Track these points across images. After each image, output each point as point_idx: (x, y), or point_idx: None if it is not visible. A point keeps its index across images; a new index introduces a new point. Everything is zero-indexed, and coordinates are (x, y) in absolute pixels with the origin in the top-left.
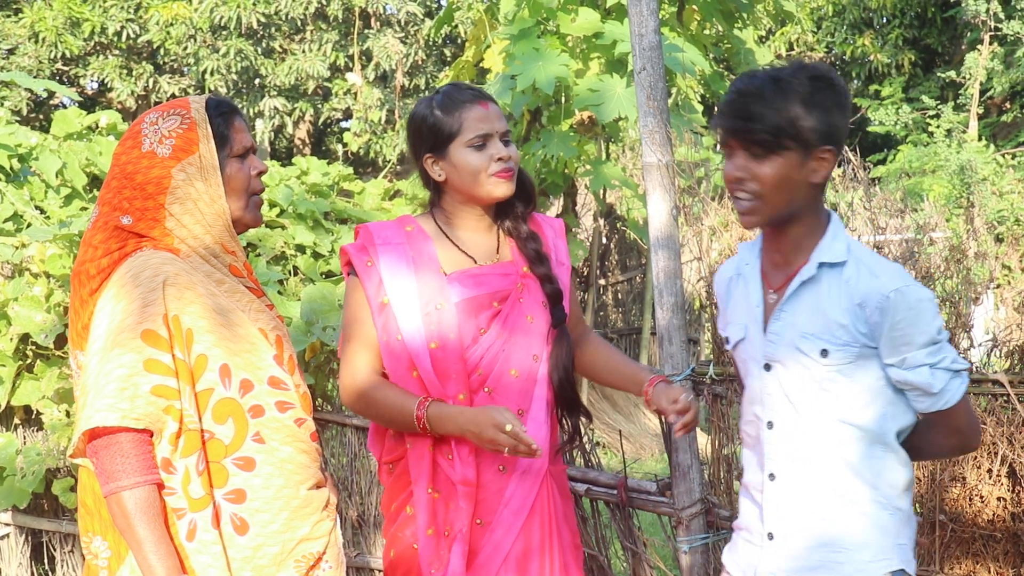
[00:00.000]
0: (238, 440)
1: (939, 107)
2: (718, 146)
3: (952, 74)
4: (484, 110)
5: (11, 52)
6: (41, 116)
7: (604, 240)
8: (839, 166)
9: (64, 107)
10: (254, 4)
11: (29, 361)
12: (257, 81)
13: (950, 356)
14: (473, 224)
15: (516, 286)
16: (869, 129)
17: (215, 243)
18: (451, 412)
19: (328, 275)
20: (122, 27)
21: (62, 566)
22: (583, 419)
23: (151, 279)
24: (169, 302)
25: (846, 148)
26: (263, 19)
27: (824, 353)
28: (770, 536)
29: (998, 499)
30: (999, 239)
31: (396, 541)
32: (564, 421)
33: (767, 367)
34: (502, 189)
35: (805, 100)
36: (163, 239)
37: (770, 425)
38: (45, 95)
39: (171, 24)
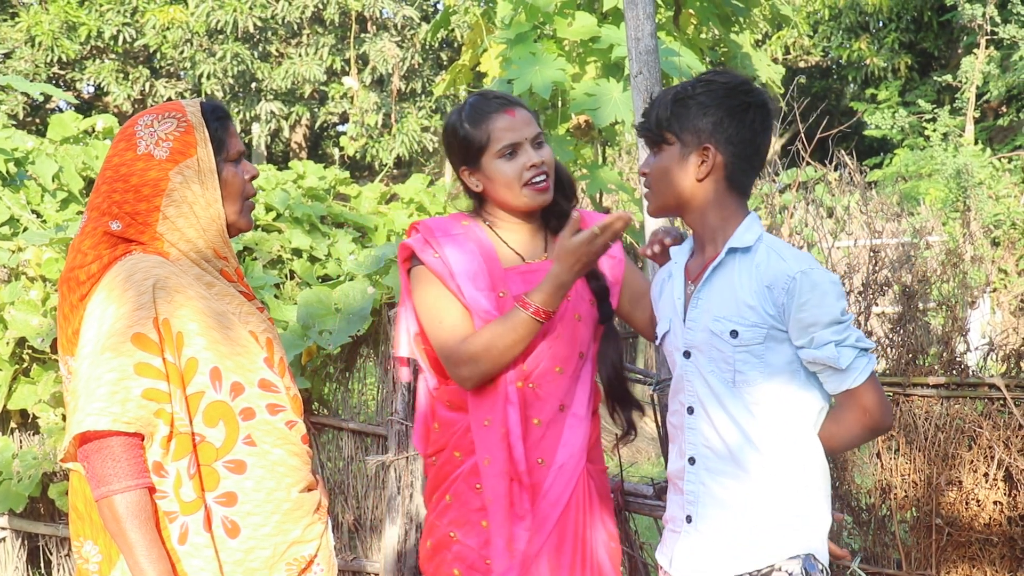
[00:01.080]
0: (229, 443)
1: (935, 111)
2: None
3: (948, 78)
4: (511, 118)
5: (7, 56)
6: (37, 120)
7: None
8: (835, 169)
9: (60, 111)
10: (250, 8)
11: (25, 365)
12: (253, 85)
13: (855, 335)
14: (518, 226)
15: None
16: (865, 133)
17: (208, 248)
18: (549, 286)
19: (324, 279)
20: (118, 31)
21: (58, 570)
22: (636, 413)
23: (141, 282)
24: (159, 305)
25: (842, 152)
26: (259, 23)
27: (734, 334)
28: (688, 519)
29: (994, 503)
30: (995, 243)
31: (433, 530)
32: (616, 416)
33: (687, 354)
34: (537, 200)
35: (683, 100)
36: (152, 243)
37: (690, 411)
38: (41, 99)
39: (167, 28)
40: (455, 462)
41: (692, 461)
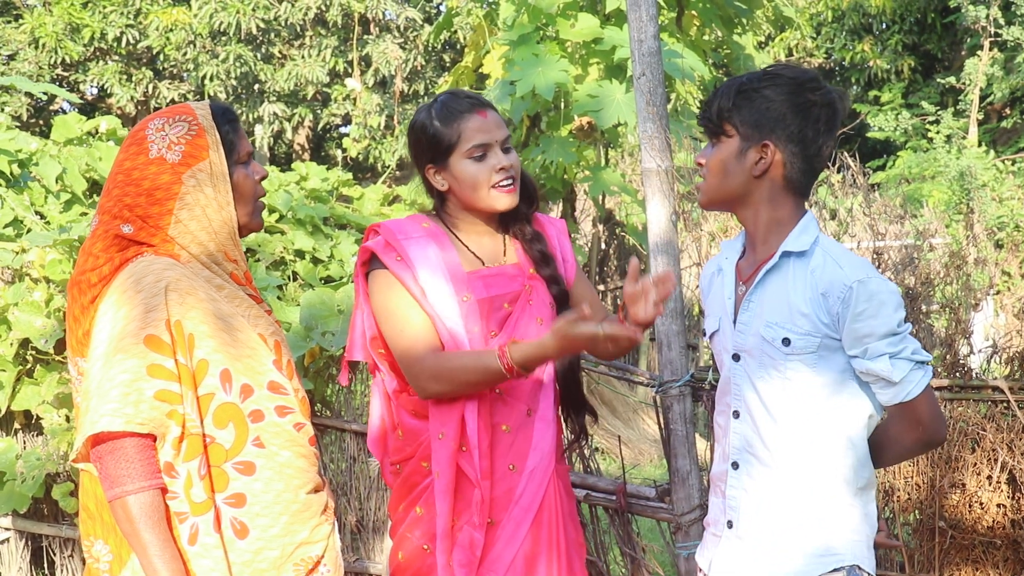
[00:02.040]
0: (238, 445)
1: (939, 113)
2: None
3: (952, 80)
4: (483, 119)
5: (11, 58)
6: (41, 122)
7: (603, 246)
8: (838, 171)
9: (64, 113)
10: (254, 10)
11: (29, 366)
12: (256, 87)
13: (911, 347)
14: (479, 229)
15: (524, 288)
16: (868, 135)
17: (218, 250)
18: (533, 351)
19: (327, 280)
20: (122, 33)
21: (62, 571)
22: (589, 418)
23: (153, 284)
24: (171, 307)
25: (845, 154)
26: (262, 24)
27: (786, 342)
28: (729, 524)
29: (998, 506)
30: (999, 245)
31: (404, 542)
32: (570, 420)
33: (736, 357)
34: (504, 202)
35: (746, 92)
36: (163, 246)
37: (736, 414)
38: (45, 99)
39: (171, 30)
40: (423, 472)
41: (735, 466)
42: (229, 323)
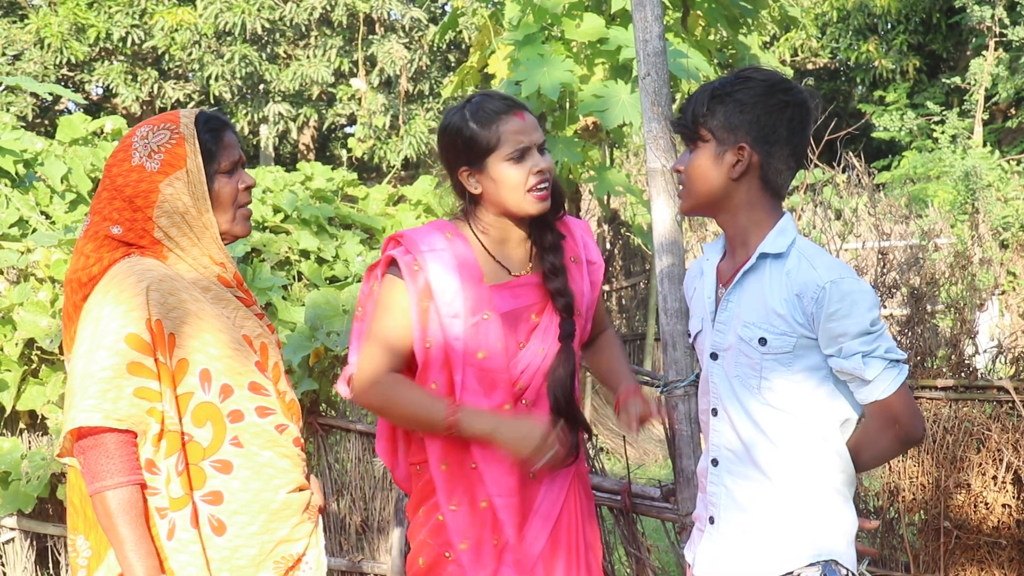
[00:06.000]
0: (216, 443)
1: (944, 113)
2: None
3: (957, 80)
4: (521, 121)
5: (17, 58)
6: (46, 122)
7: (608, 246)
8: (844, 171)
9: (69, 113)
10: (259, 10)
11: (34, 366)
12: (262, 87)
13: (885, 345)
14: (507, 235)
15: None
16: (873, 135)
17: (203, 255)
18: (480, 427)
19: (332, 280)
20: (127, 33)
21: (67, 570)
22: (585, 434)
23: (136, 284)
24: (152, 307)
25: (850, 154)
26: (268, 25)
27: (762, 342)
28: (711, 520)
29: (1003, 506)
30: (1004, 245)
31: (425, 549)
32: (562, 435)
33: (714, 356)
34: (538, 207)
35: (719, 97)
36: (152, 248)
37: (715, 412)
38: (50, 99)
39: (176, 30)
40: None
41: (715, 463)
42: (212, 323)
